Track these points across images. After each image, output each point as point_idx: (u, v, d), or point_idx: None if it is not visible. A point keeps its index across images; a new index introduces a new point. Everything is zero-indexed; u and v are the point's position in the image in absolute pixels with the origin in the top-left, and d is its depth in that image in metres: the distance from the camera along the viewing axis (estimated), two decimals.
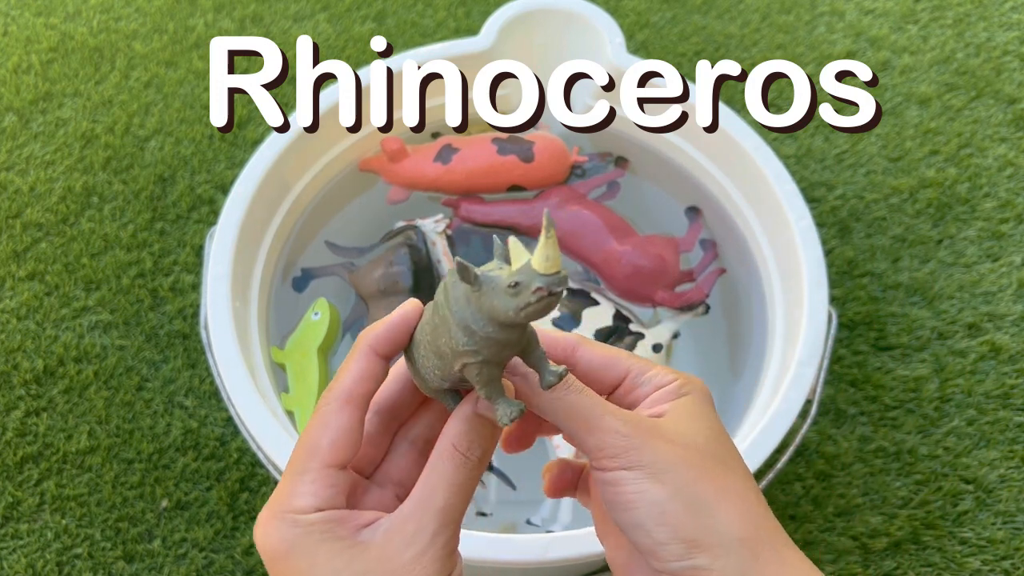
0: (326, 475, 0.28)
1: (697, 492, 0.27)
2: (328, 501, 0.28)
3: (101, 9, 1.04)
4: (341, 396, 0.29)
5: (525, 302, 0.24)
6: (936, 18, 1.04)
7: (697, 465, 0.28)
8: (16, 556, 0.70)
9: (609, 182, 0.73)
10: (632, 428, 0.28)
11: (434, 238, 0.68)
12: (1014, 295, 0.83)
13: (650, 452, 0.28)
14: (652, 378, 0.31)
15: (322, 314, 0.65)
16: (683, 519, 0.27)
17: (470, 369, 0.26)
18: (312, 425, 0.29)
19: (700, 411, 0.30)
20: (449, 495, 0.28)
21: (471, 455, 0.29)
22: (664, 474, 0.27)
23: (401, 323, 0.30)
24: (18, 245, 0.85)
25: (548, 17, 0.74)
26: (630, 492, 0.28)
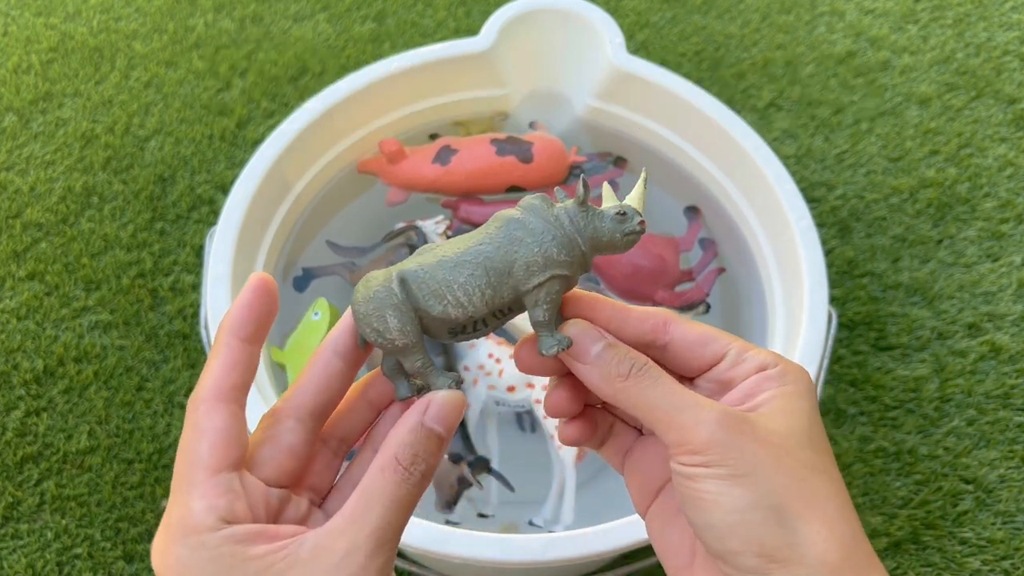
0: (216, 482, 0.25)
1: (784, 502, 0.25)
2: (229, 512, 0.24)
3: (101, 9, 1.04)
4: (209, 396, 0.26)
5: (631, 228, 0.28)
6: (936, 18, 1.04)
7: (788, 471, 0.25)
8: (16, 556, 0.70)
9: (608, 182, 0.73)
10: (717, 423, 0.25)
11: (435, 239, 0.68)
12: (1014, 295, 0.83)
13: (736, 451, 0.25)
14: (755, 358, 0.28)
15: (322, 314, 0.65)
16: (763, 530, 0.24)
17: (552, 284, 0.27)
18: (185, 435, 0.26)
19: (800, 406, 0.27)
20: (387, 512, 0.25)
21: (414, 470, 0.26)
22: (749, 477, 0.25)
23: (255, 297, 0.27)
24: (18, 245, 0.85)
25: (548, 17, 0.74)
26: (709, 492, 0.25)
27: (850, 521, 0.25)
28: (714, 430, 0.25)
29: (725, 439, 0.25)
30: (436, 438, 0.26)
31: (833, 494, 0.26)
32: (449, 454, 0.58)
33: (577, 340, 0.27)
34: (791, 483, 0.25)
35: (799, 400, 0.27)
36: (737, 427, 0.25)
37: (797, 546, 0.24)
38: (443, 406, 0.27)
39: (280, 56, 1.00)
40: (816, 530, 0.25)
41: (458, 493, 0.57)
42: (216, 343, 0.27)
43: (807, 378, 0.28)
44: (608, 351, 0.27)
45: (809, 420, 0.27)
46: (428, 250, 0.28)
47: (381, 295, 0.27)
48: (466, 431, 0.60)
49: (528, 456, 0.63)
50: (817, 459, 0.26)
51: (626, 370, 0.27)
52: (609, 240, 0.28)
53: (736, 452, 0.25)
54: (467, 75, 0.74)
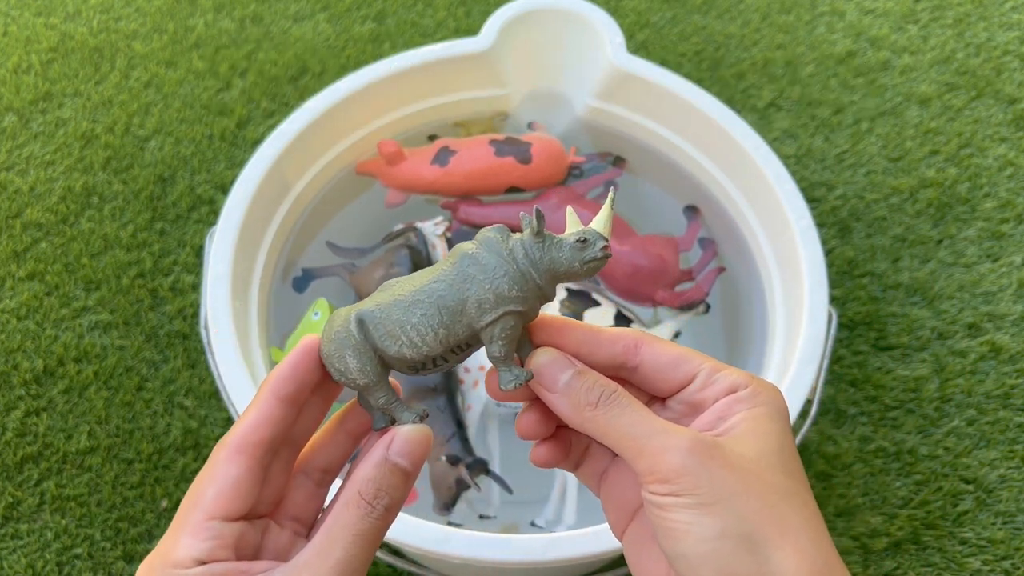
0: (208, 527, 0.26)
1: (755, 529, 0.24)
2: (208, 553, 0.25)
3: (101, 9, 1.04)
4: (233, 444, 0.27)
5: (592, 256, 0.27)
6: (936, 18, 1.04)
7: (759, 496, 0.25)
8: (16, 556, 0.70)
9: (606, 182, 0.73)
10: (687, 451, 0.25)
11: (434, 241, 0.68)
12: (1014, 295, 0.83)
13: (706, 479, 0.25)
14: (726, 378, 0.28)
15: (322, 314, 0.65)
16: (735, 559, 0.24)
17: (506, 320, 0.27)
18: (201, 473, 0.27)
19: (771, 428, 0.27)
20: (350, 546, 0.26)
21: (377, 504, 0.26)
22: (719, 505, 0.25)
23: (303, 361, 0.28)
24: (18, 245, 0.85)
25: (548, 17, 0.74)
26: (679, 521, 0.25)
27: (823, 547, 0.25)
28: (684, 458, 0.25)
29: (695, 467, 0.25)
30: (401, 472, 0.27)
31: (805, 520, 0.25)
32: (447, 456, 0.58)
33: (545, 369, 0.28)
34: (762, 509, 0.25)
35: (770, 422, 0.27)
36: (707, 453, 0.25)
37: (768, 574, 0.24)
38: (407, 441, 0.27)
39: (280, 56, 1.00)
40: (788, 557, 0.24)
41: (456, 495, 0.57)
42: (257, 395, 0.28)
43: (779, 399, 0.28)
44: (576, 379, 0.27)
45: (780, 442, 0.26)
46: (388, 287, 0.28)
47: (341, 336, 0.27)
48: (465, 433, 0.60)
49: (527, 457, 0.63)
50: (789, 483, 0.26)
51: (595, 398, 0.27)
52: (567, 270, 0.27)
53: (706, 480, 0.25)
54: (467, 75, 0.74)
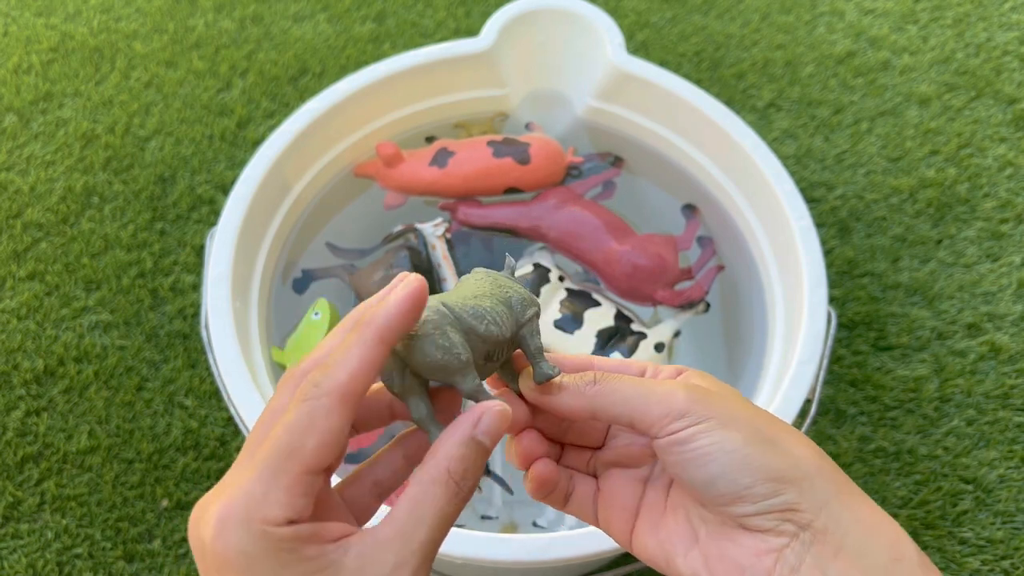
0: (304, 482, 0.24)
1: (771, 434, 0.28)
2: (300, 512, 0.24)
3: (101, 9, 1.04)
4: (337, 392, 0.24)
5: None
6: (936, 18, 1.04)
7: (761, 413, 0.29)
8: (16, 556, 0.70)
9: (605, 182, 0.73)
10: (689, 388, 0.28)
11: (434, 242, 0.68)
12: (1014, 295, 0.83)
13: (716, 405, 0.28)
14: (658, 373, 0.31)
15: (322, 314, 0.65)
16: (765, 458, 0.27)
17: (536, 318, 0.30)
18: (296, 419, 0.24)
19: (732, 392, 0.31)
20: (435, 528, 0.25)
21: (464, 484, 0.26)
22: (737, 421, 0.28)
23: (413, 301, 0.25)
24: (18, 245, 0.85)
25: (548, 17, 0.74)
26: (707, 445, 0.27)
27: (823, 456, 0.29)
28: (689, 392, 0.28)
29: (701, 398, 0.28)
30: (485, 452, 0.27)
31: (801, 441, 0.29)
32: None
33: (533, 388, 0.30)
34: (769, 421, 0.29)
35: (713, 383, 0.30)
36: (704, 391, 0.29)
37: (796, 464, 0.27)
38: (495, 418, 0.27)
39: (280, 56, 1.00)
40: (802, 449, 0.28)
41: None
42: (361, 338, 0.25)
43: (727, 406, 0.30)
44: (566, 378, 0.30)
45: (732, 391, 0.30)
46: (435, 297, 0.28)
47: (435, 318, 0.27)
48: None
49: None
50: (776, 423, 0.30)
51: (591, 379, 0.29)
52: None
53: (717, 405, 0.28)
54: (467, 75, 0.74)
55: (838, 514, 0.27)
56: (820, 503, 0.27)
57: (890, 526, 0.27)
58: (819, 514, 0.27)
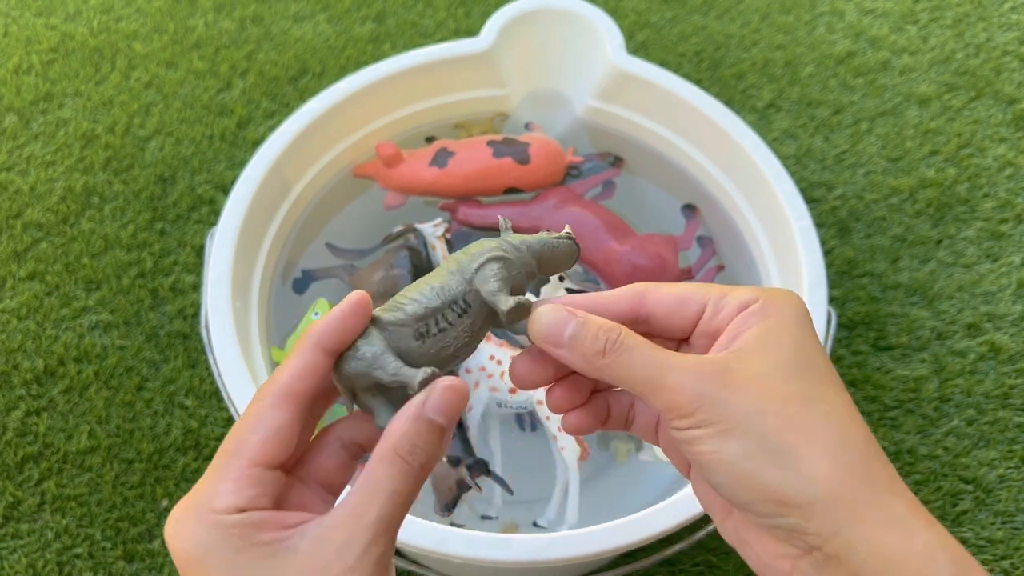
0: (251, 474, 0.25)
1: (781, 443, 0.24)
2: (251, 502, 0.25)
3: (101, 9, 1.04)
4: (279, 392, 0.26)
5: (562, 236, 0.32)
6: (936, 18, 1.04)
7: (777, 411, 0.25)
8: (16, 556, 0.70)
9: (605, 182, 0.73)
10: (698, 379, 0.25)
11: (434, 242, 0.68)
12: (1014, 295, 0.83)
13: (722, 406, 0.25)
14: (733, 299, 0.27)
15: (322, 314, 0.65)
16: (766, 477, 0.24)
17: (491, 264, 0.29)
18: (244, 419, 0.26)
19: (783, 336, 0.26)
20: (386, 504, 0.25)
21: (413, 461, 0.26)
22: (738, 428, 0.25)
23: (350, 312, 0.27)
24: (18, 245, 0.85)
25: (548, 17, 0.74)
26: (707, 451, 0.25)
27: (858, 446, 0.25)
28: (697, 388, 0.25)
29: (709, 395, 0.25)
30: (436, 428, 0.26)
31: (833, 422, 0.25)
32: (448, 457, 0.58)
33: (548, 325, 0.28)
34: (782, 422, 0.25)
35: (781, 330, 0.26)
36: (719, 379, 0.25)
37: (805, 486, 0.24)
38: (443, 393, 0.26)
39: (280, 56, 1.00)
40: (820, 464, 0.24)
41: (457, 496, 0.57)
42: (300, 346, 0.27)
43: (793, 304, 0.27)
44: (581, 329, 0.27)
45: (795, 349, 0.26)
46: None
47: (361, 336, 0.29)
48: (466, 434, 0.60)
49: (530, 456, 0.63)
50: (808, 388, 0.25)
51: (601, 346, 0.27)
52: (542, 245, 0.31)
53: (722, 407, 0.25)
54: (467, 75, 0.74)
55: (853, 543, 0.24)
56: (831, 531, 0.24)
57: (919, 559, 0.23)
58: (830, 540, 0.24)
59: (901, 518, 0.24)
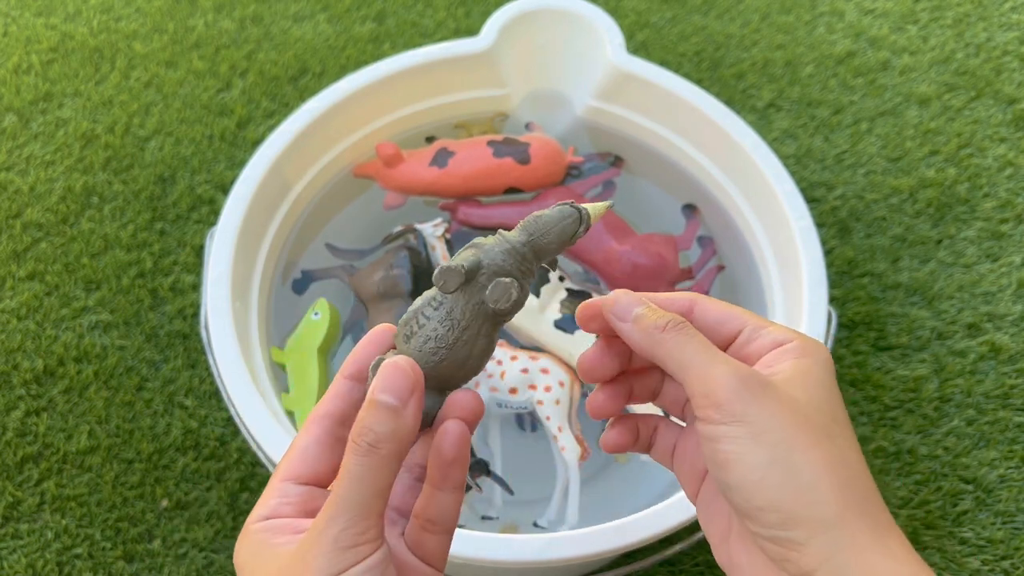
0: (279, 488, 0.29)
1: (800, 460, 0.26)
2: (274, 510, 0.28)
3: (101, 9, 1.04)
4: (308, 417, 0.30)
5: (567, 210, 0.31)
6: (936, 18, 1.04)
7: (804, 432, 0.26)
8: (16, 556, 0.70)
9: (605, 182, 0.73)
10: (743, 380, 0.27)
11: (433, 242, 0.68)
12: (1014, 295, 0.83)
13: (756, 408, 0.26)
14: (771, 333, 0.29)
15: (322, 314, 0.65)
16: (782, 489, 0.26)
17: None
18: None
19: (819, 378, 0.28)
20: (350, 488, 0.26)
21: (361, 441, 0.27)
22: (767, 435, 0.26)
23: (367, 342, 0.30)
24: (18, 245, 0.85)
25: (548, 17, 0.74)
26: (731, 451, 0.26)
27: (863, 482, 0.27)
28: (738, 386, 0.27)
29: (747, 396, 0.27)
30: (385, 408, 0.27)
31: (847, 459, 0.27)
32: None
33: (621, 302, 0.30)
34: (807, 444, 0.26)
35: (818, 372, 0.28)
36: (760, 387, 0.27)
37: (816, 504, 0.25)
38: (382, 371, 0.27)
39: (280, 56, 1.00)
40: (830, 487, 0.26)
41: None
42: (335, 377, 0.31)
43: (826, 354, 0.29)
44: (648, 310, 0.30)
45: (828, 392, 0.28)
46: None
47: None
48: None
49: (530, 456, 0.63)
50: (835, 428, 0.27)
51: (663, 323, 0.29)
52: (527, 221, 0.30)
53: (755, 410, 0.26)
54: (467, 75, 0.74)
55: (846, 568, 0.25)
56: (826, 553, 0.25)
57: None
58: (823, 565, 0.25)
59: (894, 553, 0.26)
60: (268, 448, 0.54)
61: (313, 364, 0.63)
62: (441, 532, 0.30)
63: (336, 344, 0.67)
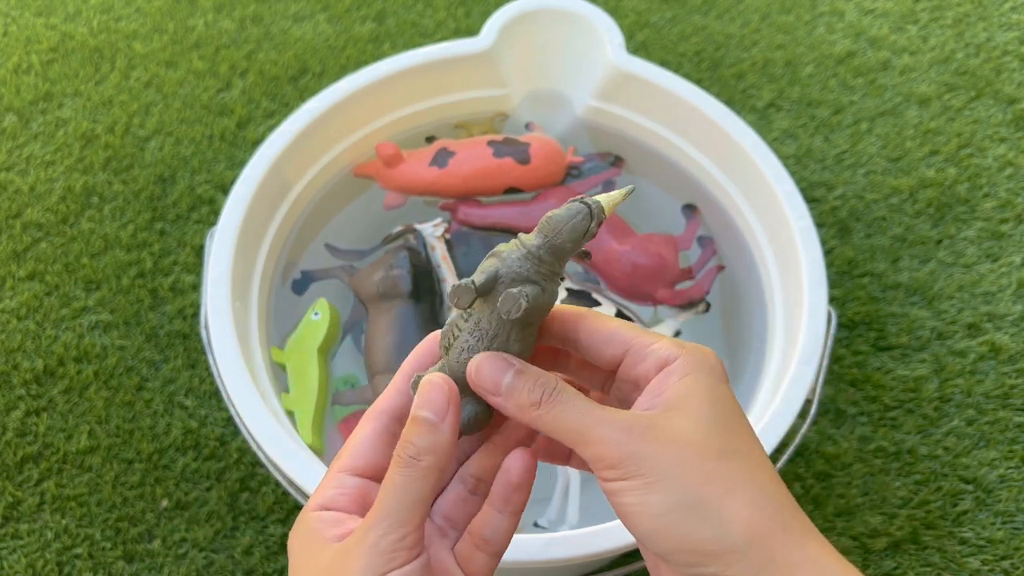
0: (336, 478, 0.30)
1: (701, 495, 0.26)
2: (331, 501, 0.29)
3: (101, 9, 1.04)
4: (366, 412, 0.31)
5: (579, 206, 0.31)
6: (936, 18, 1.04)
7: (698, 466, 0.26)
8: (16, 556, 0.70)
9: (605, 182, 0.73)
10: (626, 434, 0.27)
11: (433, 242, 0.68)
12: (1013, 295, 0.83)
13: (648, 460, 0.26)
14: (654, 353, 0.29)
15: (322, 314, 0.65)
16: (687, 528, 0.26)
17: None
18: None
19: (702, 393, 0.28)
20: (384, 493, 0.28)
21: (403, 454, 0.28)
22: (662, 482, 0.26)
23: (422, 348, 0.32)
24: (18, 245, 0.85)
25: (548, 17, 0.74)
26: (631, 504, 0.27)
27: (772, 494, 0.27)
28: (625, 443, 0.27)
29: (636, 450, 0.27)
30: (424, 423, 0.28)
31: (749, 474, 0.27)
32: None
33: (486, 374, 0.29)
34: (703, 476, 0.26)
35: (700, 388, 0.28)
36: (644, 435, 0.27)
37: (724, 536, 0.26)
38: (421, 390, 0.29)
39: (280, 56, 1.00)
40: (737, 512, 0.26)
41: None
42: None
43: (708, 363, 0.29)
44: (517, 379, 0.29)
45: (712, 405, 0.28)
46: None
47: None
48: None
49: None
50: (728, 444, 0.27)
51: (537, 398, 0.28)
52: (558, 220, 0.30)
53: (648, 462, 0.26)
54: (467, 75, 0.74)
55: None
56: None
57: None
58: None
59: (815, 559, 0.26)
60: (268, 448, 0.54)
61: (313, 364, 0.63)
62: (491, 553, 0.30)
63: (336, 344, 0.67)
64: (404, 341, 0.62)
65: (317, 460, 0.54)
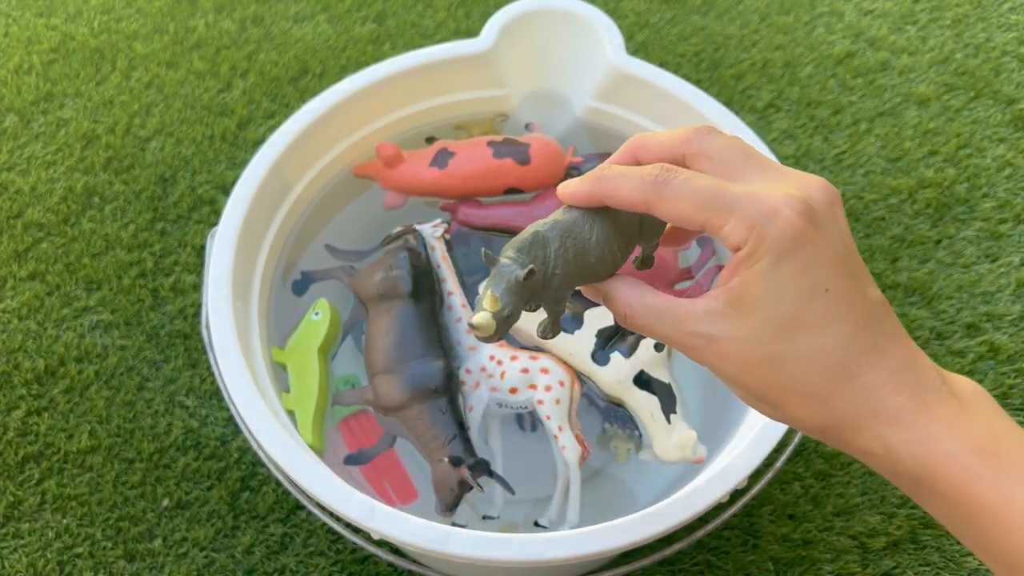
0: None
1: (761, 395, 0.30)
2: None
3: (102, 10, 1.04)
4: None
5: None
6: (935, 19, 1.05)
7: (753, 374, 0.30)
8: (17, 555, 0.70)
9: None
10: (722, 297, 0.31)
11: (433, 243, 0.68)
12: (1013, 295, 0.83)
13: (742, 308, 0.30)
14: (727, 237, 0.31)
15: (322, 314, 0.65)
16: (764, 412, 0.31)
17: None
18: None
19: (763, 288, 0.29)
20: None
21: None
22: (728, 379, 0.31)
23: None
24: (19, 245, 0.85)
25: (548, 18, 0.74)
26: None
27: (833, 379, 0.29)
28: (715, 306, 0.32)
29: (723, 314, 0.31)
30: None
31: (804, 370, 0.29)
32: (450, 458, 0.58)
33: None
34: (759, 384, 0.30)
35: (761, 282, 0.29)
36: (739, 298, 0.31)
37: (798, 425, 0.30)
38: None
39: (280, 57, 1.00)
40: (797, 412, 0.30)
41: (459, 496, 0.57)
42: None
43: (780, 237, 0.28)
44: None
45: (771, 302, 0.29)
46: None
47: None
48: (466, 435, 0.60)
49: (530, 456, 0.63)
50: (780, 346, 0.29)
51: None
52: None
53: (739, 310, 0.31)
54: (467, 76, 0.74)
55: (863, 448, 0.29)
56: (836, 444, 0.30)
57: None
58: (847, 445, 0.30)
59: (892, 363, 0.29)
60: (269, 448, 0.54)
61: (313, 364, 0.64)
62: None
63: (336, 344, 0.67)
64: (404, 341, 0.62)
65: (318, 460, 0.54)
